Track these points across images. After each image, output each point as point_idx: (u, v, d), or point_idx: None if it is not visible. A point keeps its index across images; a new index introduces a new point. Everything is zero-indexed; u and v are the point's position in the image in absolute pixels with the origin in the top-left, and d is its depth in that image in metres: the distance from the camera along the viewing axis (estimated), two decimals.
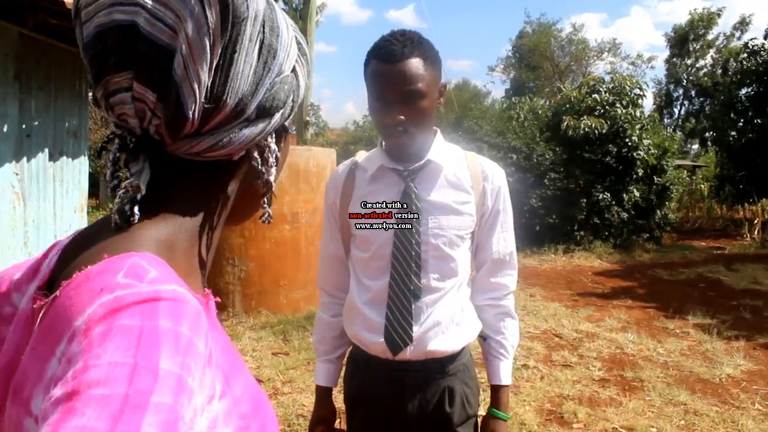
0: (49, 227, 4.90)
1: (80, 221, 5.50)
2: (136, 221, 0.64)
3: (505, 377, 1.89)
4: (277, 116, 0.70)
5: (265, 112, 0.68)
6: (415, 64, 1.63)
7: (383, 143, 1.83)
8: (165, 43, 0.60)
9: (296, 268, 6.61)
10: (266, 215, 0.76)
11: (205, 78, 0.62)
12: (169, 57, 0.61)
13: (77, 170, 5.38)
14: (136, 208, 0.64)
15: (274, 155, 0.73)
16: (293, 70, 0.71)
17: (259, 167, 0.72)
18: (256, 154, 0.71)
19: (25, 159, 4.52)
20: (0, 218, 4.26)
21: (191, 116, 0.63)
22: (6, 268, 0.80)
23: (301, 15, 15.34)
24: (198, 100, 0.62)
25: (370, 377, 1.87)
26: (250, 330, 6.16)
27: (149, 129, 0.64)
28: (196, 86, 0.61)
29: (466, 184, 1.82)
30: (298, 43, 0.74)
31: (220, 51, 0.62)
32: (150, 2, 0.59)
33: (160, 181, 0.68)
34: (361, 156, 1.93)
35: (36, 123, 4.64)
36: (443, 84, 1.76)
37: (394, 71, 1.63)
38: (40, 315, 0.57)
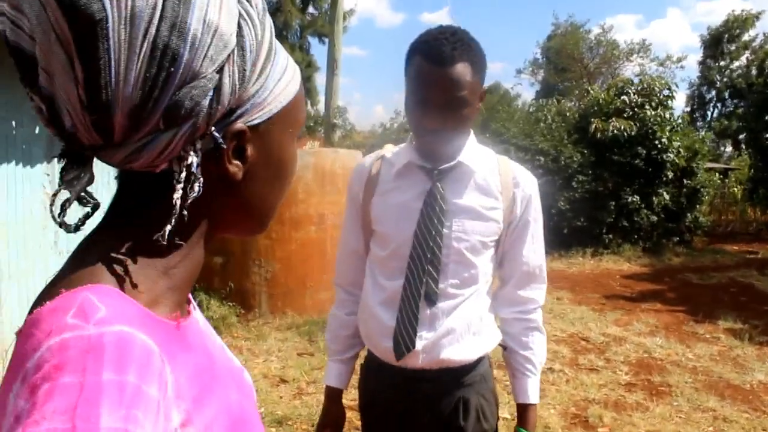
0: None
1: None
2: (73, 231, 0.64)
3: (533, 395, 1.81)
4: (186, 125, 0.61)
5: (171, 121, 0.60)
6: (463, 70, 1.54)
7: (414, 141, 1.75)
8: (30, 52, 0.56)
9: (322, 270, 6.63)
10: (161, 233, 0.63)
11: (73, 89, 0.56)
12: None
13: (107, 172, 5.45)
14: (66, 218, 0.62)
15: (192, 169, 0.63)
16: (219, 70, 0.61)
17: (175, 181, 0.63)
18: (175, 168, 0.63)
19: (55, 160, 4.60)
20: (32, 218, 4.35)
21: (71, 128, 0.59)
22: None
23: (329, 20, 15.42)
24: (73, 113, 0.57)
25: (383, 384, 1.80)
26: (276, 330, 6.21)
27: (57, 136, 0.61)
28: (66, 98, 0.57)
29: (495, 190, 1.73)
30: (241, 37, 0.63)
31: (80, 59, 0.55)
32: (9, 11, 0.56)
33: (124, 193, 0.68)
34: (388, 150, 1.85)
35: None
36: (484, 90, 1.68)
37: (441, 75, 1.54)
38: (11, 347, 0.57)
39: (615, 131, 12.72)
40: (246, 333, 6.10)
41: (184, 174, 0.63)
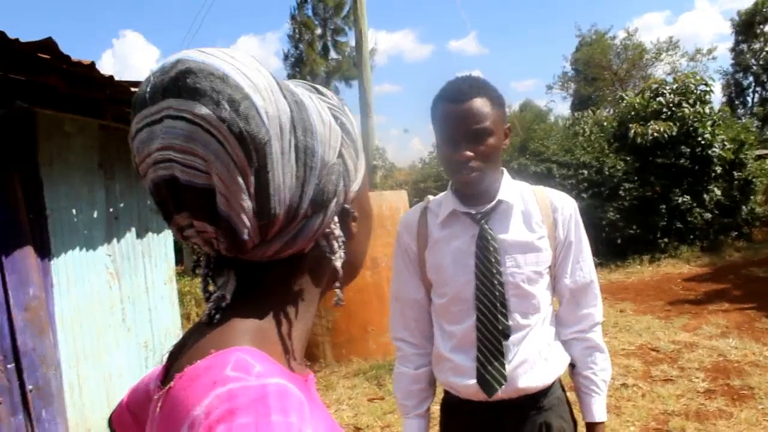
0: (143, 302, 5.16)
1: (171, 292, 5.76)
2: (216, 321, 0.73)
3: (599, 414, 1.88)
4: (332, 205, 0.73)
5: (319, 206, 0.72)
6: (482, 103, 1.71)
7: (453, 185, 1.87)
8: (203, 185, 0.65)
9: (382, 313, 6.67)
10: (336, 299, 0.79)
11: (248, 204, 0.66)
12: (212, 195, 0.66)
13: (163, 244, 5.65)
14: (218, 315, 0.72)
15: (339, 240, 0.77)
16: (339, 155, 0.74)
17: (326, 254, 0.76)
18: (323, 243, 0.76)
19: (115, 240, 4.79)
20: (98, 298, 4.51)
21: (247, 237, 0.68)
22: (143, 376, 0.90)
23: (355, 63, 15.62)
24: (248, 224, 0.67)
25: (466, 421, 1.88)
26: (344, 378, 6.25)
27: (220, 250, 0.71)
28: (242, 214, 0.66)
29: (538, 219, 1.84)
30: (342, 124, 0.76)
31: (253, 177, 0.66)
32: (179, 156, 0.64)
33: (245, 280, 0.76)
34: (430, 201, 1.96)
35: (122, 205, 4.92)
36: (508, 126, 1.82)
37: (462, 110, 1.71)
38: (159, 404, 0.65)
39: (655, 134, 12.54)
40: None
41: (336, 245, 0.76)
